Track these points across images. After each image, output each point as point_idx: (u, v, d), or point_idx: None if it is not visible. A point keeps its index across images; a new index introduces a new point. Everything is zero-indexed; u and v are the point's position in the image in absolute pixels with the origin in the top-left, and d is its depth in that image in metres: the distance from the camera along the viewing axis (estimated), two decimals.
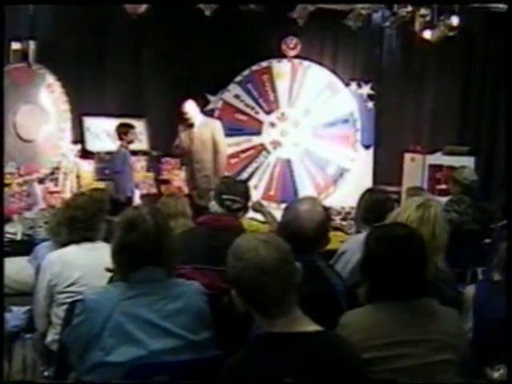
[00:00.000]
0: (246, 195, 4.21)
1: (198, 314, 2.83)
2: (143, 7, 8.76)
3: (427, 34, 9.90)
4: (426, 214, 3.57)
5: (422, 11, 9.53)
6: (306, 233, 3.35)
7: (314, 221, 3.37)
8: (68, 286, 3.89)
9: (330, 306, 3.24)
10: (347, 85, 11.13)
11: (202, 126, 8.52)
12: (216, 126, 8.72)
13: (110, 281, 3.16)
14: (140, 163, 10.33)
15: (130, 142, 8.94)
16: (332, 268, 3.76)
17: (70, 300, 3.78)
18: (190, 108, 8.52)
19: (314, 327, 2.48)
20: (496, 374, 3.15)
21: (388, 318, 2.78)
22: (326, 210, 3.54)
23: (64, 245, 4.09)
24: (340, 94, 11.07)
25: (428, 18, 9.65)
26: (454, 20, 9.61)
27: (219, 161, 8.55)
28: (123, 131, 8.92)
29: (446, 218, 3.73)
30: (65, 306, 3.82)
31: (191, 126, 8.49)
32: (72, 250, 4.01)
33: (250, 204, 4.41)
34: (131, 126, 9.02)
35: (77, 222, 4.07)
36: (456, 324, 2.90)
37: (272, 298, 2.44)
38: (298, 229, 3.36)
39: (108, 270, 3.01)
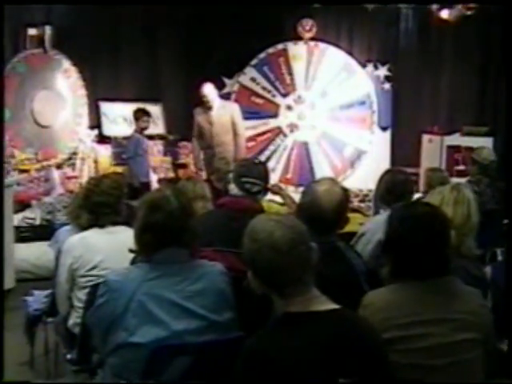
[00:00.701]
0: (265, 177, 4.20)
1: (220, 295, 2.84)
2: None
3: (444, 14, 9.86)
4: (460, 196, 3.61)
5: None
6: (324, 214, 3.34)
7: (333, 201, 3.36)
8: (90, 270, 3.91)
9: (351, 286, 3.24)
10: (364, 66, 11.09)
11: (221, 109, 8.50)
12: (234, 109, 8.71)
13: (133, 262, 3.18)
14: (157, 147, 10.38)
15: (143, 129, 8.92)
16: (352, 249, 3.76)
17: (91, 283, 3.80)
18: (209, 91, 8.50)
19: (330, 305, 2.49)
20: None
21: (410, 297, 2.78)
22: (345, 190, 3.53)
23: (85, 228, 4.11)
24: (356, 75, 11.03)
25: None
26: None
27: (238, 143, 8.54)
28: (136, 116, 8.91)
29: (476, 202, 3.74)
30: (86, 290, 3.84)
31: (209, 108, 8.47)
32: (93, 233, 4.02)
33: (269, 186, 4.41)
34: (146, 113, 8.98)
35: (105, 206, 4.09)
36: (479, 303, 2.89)
37: (288, 278, 2.44)
38: (317, 210, 3.35)
39: (131, 250, 3.02)
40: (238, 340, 2.63)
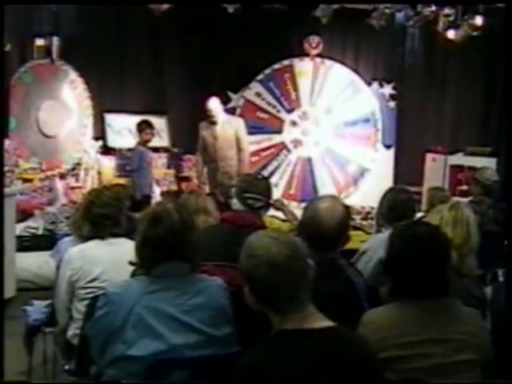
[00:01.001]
0: (268, 193, 4.20)
1: (219, 310, 2.83)
2: (167, 5, 8.79)
3: (451, 34, 9.87)
4: (459, 215, 3.60)
5: (446, 11, 9.50)
6: (325, 231, 3.34)
7: (334, 219, 3.35)
8: (89, 282, 3.90)
9: (351, 304, 3.23)
10: (369, 84, 11.13)
11: (226, 124, 8.49)
12: (239, 124, 8.70)
13: (133, 274, 3.17)
14: (161, 160, 10.39)
15: (147, 141, 8.89)
16: (353, 266, 3.76)
17: (91, 295, 3.79)
18: (214, 105, 8.50)
19: (327, 323, 2.48)
20: None
21: (410, 316, 2.78)
22: (347, 208, 3.53)
23: (86, 239, 4.11)
24: (362, 93, 11.07)
25: (452, 18, 9.64)
26: (478, 20, 9.59)
27: (242, 158, 8.53)
28: (140, 128, 8.89)
29: (476, 221, 3.74)
30: (86, 301, 3.82)
31: (214, 123, 8.47)
32: (93, 245, 4.01)
33: (271, 201, 4.42)
34: (149, 125, 8.94)
35: (106, 218, 4.08)
36: (478, 324, 2.89)
37: (284, 295, 2.45)
38: (318, 227, 3.35)
39: (131, 263, 3.02)
40: (237, 355, 2.62)
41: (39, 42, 9.35)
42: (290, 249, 2.48)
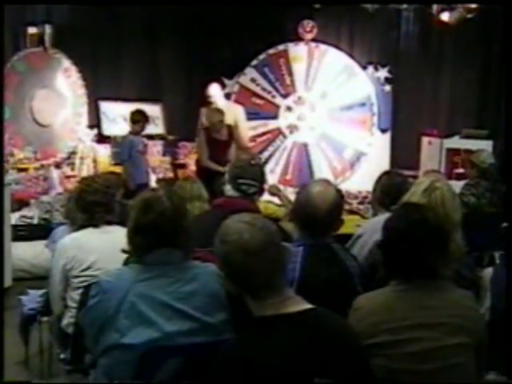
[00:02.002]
0: (262, 178, 4.19)
1: (213, 296, 2.81)
2: None
3: (445, 16, 9.83)
4: (432, 198, 3.56)
5: None
6: (318, 215, 3.31)
7: (327, 203, 3.33)
8: (83, 270, 3.91)
9: (345, 288, 3.23)
10: (364, 68, 11.07)
11: (225, 111, 8.46)
12: (238, 112, 8.66)
13: (126, 263, 3.16)
14: (156, 147, 10.35)
15: (138, 132, 8.70)
16: (347, 251, 3.74)
17: (85, 284, 3.79)
18: (215, 91, 8.46)
19: (305, 306, 2.48)
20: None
21: (402, 301, 2.77)
22: (339, 191, 3.50)
23: (80, 228, 4.10)
24: (357, 77, 11.01)
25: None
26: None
27: (240, 146, 8.50)
28: (134, 119, 8.69)
29: (455, 196, 3.71)
30: (80, 290, 3.84)
31: (211, 104, 8.42)
32: (86, 233, 4.02)
33: (265, 186, 4.40)
34: (143, 116, 8.75)
35: (98, 205, 4.08)
36: (472, 307, 2.88)
37: (259, 281, 2.45)
38: (311, 211, 3.32)
39: (124, 251, 3.00)
40: None
41: (32, 30, 9.29)
42: (264, 234, 2.48)
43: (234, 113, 8.52)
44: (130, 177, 8.39)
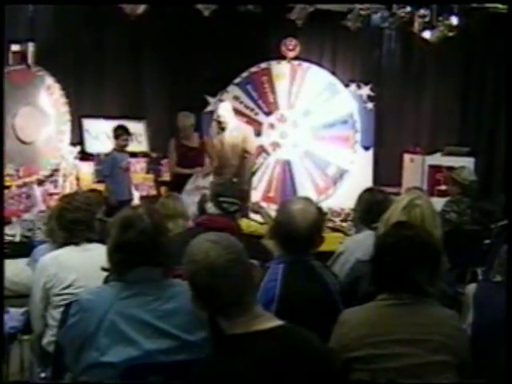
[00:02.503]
0: (242, 196, 4.22)
1: (193, 314, 2.80)
2: (142, 8, 8.74)
3: (427, 35, 9.90)
4: (412, 216, 3.58)
5: (422, 11, 9.53)
6: (299, 233, 3.32)
7: (307, 220, 3.33)
8: (64, 289, 3.88)
9: (326, 306, 3.24)
10: (347, 86, 11.14)
11: (234, 131, 8.39)
12: (248, 133, 8.63)
13: (106, 281, 3.15)
14: (139, 165, 10.32)
15: (122, 146, 8.71)
16: (328, 268, 3.75)
17: (66, 302, 3.76)
18: (225, 112, 8.39)
19: (275, 323, 2.49)
20: None
21: (386, 316, 2.78)
22: (320, 209, 3.51)
23: (62, 246, 4.08)
24: (339, 95, 11.07)
25: (427, 19, 9.66)
26: (454, 20, 9.62)
27: (245, 167, 8.45)
28: (116, 134, 8.72)
29: (436, 213, 3.73)
30: (61, 309, 3.80)
31: (223, 130, 8.36)
32: (67, 251, 4.00)
33: (249, 204, 4.42)
34: (126, 131, 8.76)
35: (79, 223, 4.06)
36: (456, 326, 2.90)
37: (227, 299, 2.45)
38: (291, 228, 3.33)
39: (104, 269, 2.99)
40: None
41: (15, 47, 9.26)
42: (230, 252, 2.48)
43: (243, 133, 8.48)
44: (111, 193, 8.37)
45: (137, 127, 10.17)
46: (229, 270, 2.45)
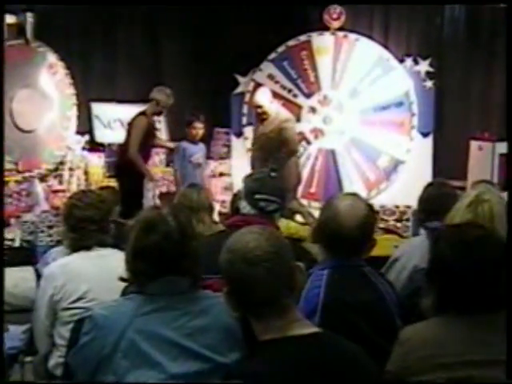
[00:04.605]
0: (283, 193, 4.19)
1: (226, 332, 2.81)
2: None
3: None
4: (479, 213, 3.56)
5: None
6: (346, 233, 3.32)
7: (356, 219, 3.33)
8: (74, 302, 3.91)
9: (379, 318, 3.24)
10: (401, 61, 11.05)
11: (276, 119, 8.39)
12: (288, 120, 8.63)
13: (124, 293, 3.17)
14: (158, 156, 10.37)
15: (194, 136, 8.99)
16: (381, 275, 3.74)
17: (76, 318, 3.79)
18: (264, 100, 8.38)
19: (311, 329, 2.56)
20: None
21: (457, 333, 2.77)
22: (371, 206, 3.50)
23: (74, 250, 4.11)
24: (393, 72, 10.99)
25: None
26: None
27: (292, 163, 8.46)
28: (186, 121, 8.89)
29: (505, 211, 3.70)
30: (70, 325, 3.82)
31: (263, 121, 8.36)
32: (77, 258, 4.03)
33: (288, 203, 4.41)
34: (197, 118, 9.01)
35: (91, 222, 4.10)
36: None
37: (261, 296, 2.52)
38: (338, 229, 3.33)
39: (122, 279, 3.01)
40: None
41: (10, 19, 9.31)
42: (271, 245, 2.56)
43: (281, 124, 8.47)
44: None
45: None
46: (267, 262, 2.51)
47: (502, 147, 10.22)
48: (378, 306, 3.32)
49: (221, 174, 10.96)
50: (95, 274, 3.91)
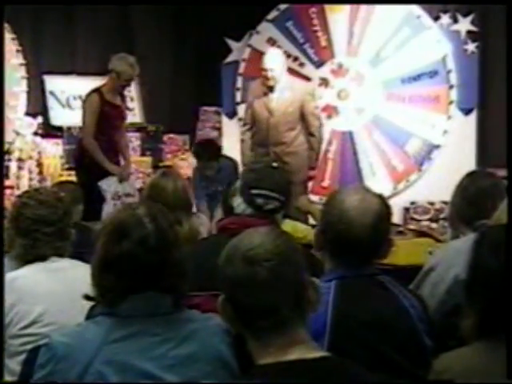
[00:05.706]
0: (287, 188, 4.18)
1: (217, 362, 2.82)
2: None
3: None
4: None
5: None
6: (357, 235, 3.31)
7: (368, 217, 3.31)
8: (26, 327, 3.90)
9: (403, 335, 3.22)
10: (436, 18, 11.05)
11: (287, 91, 8.42)
12: (308, 91, 8.65)
13: (89, 315, 3.17)
14: (132, 143, 10.33)
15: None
16: (403, 286, 3.74)
17: (29, 347, 3.79)
18: (277, 63, 8.40)
19: (317, 353, 2.55)
20: None
21: (505, 362, 2.78)
22: (383, 199, 3.47)
23: (25, 261, 4.10)
24: (425, 32, 11.00)
25: None
26: None
27: (312, 146, 8.48)
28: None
29: None
30: (22, 357, 3.84)
31: (271, 89, 8.38)
32: (29, 271, 4.02)
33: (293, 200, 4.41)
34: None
35: (45, 225, 4.08)
36: None
37: (260, 302, 2.53)
38: (345, 229, 3.32)
39: (87, 297, 3.01)
40: None
41: None
42: (278, 246, 2.58)
43: (300, 94, 8.49)
44: None
45: (127, 90, 10.22)
46: (268, 262, 2.52)
47: None
48: (399, 321, 3.29)
49: None
50: (53, 292, 3.91)
